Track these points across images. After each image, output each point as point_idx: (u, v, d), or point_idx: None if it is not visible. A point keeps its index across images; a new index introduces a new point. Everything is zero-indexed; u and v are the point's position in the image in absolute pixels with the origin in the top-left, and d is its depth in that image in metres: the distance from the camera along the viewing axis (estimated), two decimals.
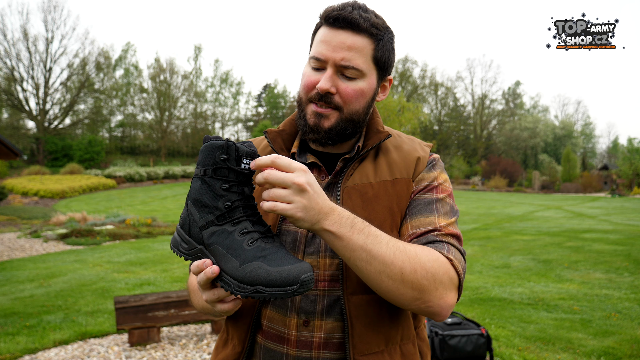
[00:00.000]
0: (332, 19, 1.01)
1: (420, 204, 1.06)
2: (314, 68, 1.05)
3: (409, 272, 0.89)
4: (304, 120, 1.07)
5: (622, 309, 5.32)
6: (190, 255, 0.90)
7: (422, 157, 1.12)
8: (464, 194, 32.40)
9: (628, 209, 20.55)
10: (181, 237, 0.91)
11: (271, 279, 0.81)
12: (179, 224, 0.93)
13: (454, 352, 3.46)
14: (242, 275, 0.83)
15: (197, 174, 0.89)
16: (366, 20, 1.01)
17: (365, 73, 1.03)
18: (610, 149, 70.30)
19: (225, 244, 0.85)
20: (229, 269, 0.84)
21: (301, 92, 1.08)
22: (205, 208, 0.87)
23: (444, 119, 60.21)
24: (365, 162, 1.10)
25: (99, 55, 48.84)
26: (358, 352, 0.99)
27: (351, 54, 1.00)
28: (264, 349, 1.04)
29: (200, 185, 0.87)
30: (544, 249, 9.42)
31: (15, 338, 4.46)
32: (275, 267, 0.82)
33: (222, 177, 0.86)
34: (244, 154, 0.86)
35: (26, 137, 44.34)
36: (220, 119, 57.62)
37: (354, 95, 1.03)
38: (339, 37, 1.01)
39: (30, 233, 12.72)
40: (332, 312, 1.01)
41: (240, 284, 0.83)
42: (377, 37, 1.03)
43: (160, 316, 4.34)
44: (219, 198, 0.86)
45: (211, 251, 0.87)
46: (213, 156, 0.86)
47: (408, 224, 1.04)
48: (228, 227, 0.86)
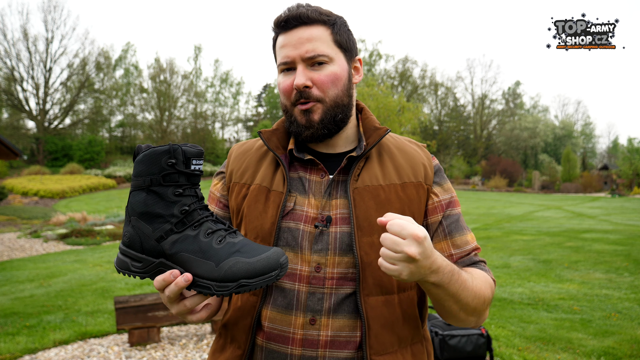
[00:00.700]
0: (284, 22, 1.06)
1: (453, 222, 1.13)
2: (285, 71, 1.08)
3: (480, 307, 1.03)
4: (295, 123, 1.08)
5: (622, 309, 5.32)
6: (146, 273, 0.85)
7: (426, 163, 1.15)
8: (464, 194, 32.39)
9: (628, 209, 20.55)
10: (131, 257, 0.86)
11: (253, 270, 0.81)
12: (122, 244, 0.88)
13: (454, 352, 3.46)
14: (222, 275, 0.81)
15: (139, 186, 0.84)
16: (314, 11, 1.05)
17: (332, 57, 1.06)
18: (610, 149, 70.30)
19: (192, 249, 0.83)
20: (203, 272, 0.82)
21: (283, 100, 1.10)
22: (158, 218, 0.83)
23: (444, 119, 60.19)
24: (370, 162, 1.11)
25: (99, 55, 48.82)
26: (374, 352, 1.00)
27: (313, 45, 1.04)
28: (266, 350, 1.04)
29: (147, 197, 0.83)
30: (544, 249, 9.42)
31: (15, 338, 4.46)
32: (254, 258, 0.82)
33: (173, 182, 0.83)
34: (192, 155, 0.83)
35: (26, 137, 44.31)
36: (220, 119, 57.61)
37: (329, 81, 1.05)
38: (296, 35, 1.05)
39: (30, 233, 12.72)
40: (340, 310, 1.01)
41: (221, 283, 0.81)
42: (329, 22, 1.07)
43: (160, 316, 4.34)
44: (173, 205, 0.83)
45: (176, 260, 0.83)
46: (158, 163, 0.82)
47: (449, 242, 1.11)
48: (190, 232, 0.84)
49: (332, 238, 1.03)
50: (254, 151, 1.18)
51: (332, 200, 1.07)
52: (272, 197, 1.08)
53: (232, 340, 1.08)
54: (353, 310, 1.02)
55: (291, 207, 1.06)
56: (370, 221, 1.04)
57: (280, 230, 1.05)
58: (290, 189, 1.09)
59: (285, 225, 1.05)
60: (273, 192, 1.08)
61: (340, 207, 1.06)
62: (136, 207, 0.84)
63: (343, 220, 1.04)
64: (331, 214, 1.05)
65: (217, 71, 58.15)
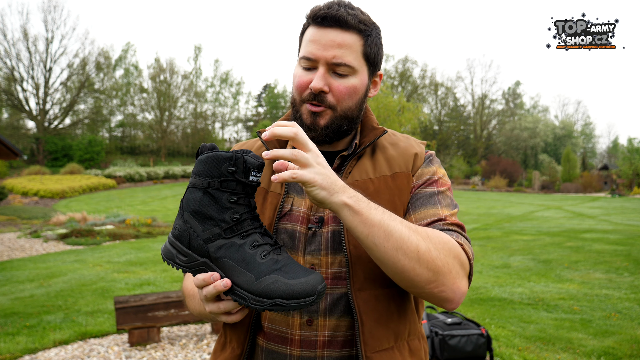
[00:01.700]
0: (320, 18, 1.01)
1: (422, 197, 1.07)
2: (305, 68, 1.05)
3: (424, 251, 0.88)
4: (300, 120, 1.07)
5: (622, 309, 5.32)
6: (189, 268, 0.87)
7: (419, 153, 1.14)
8: (464, 194, 32.39)
9: (628, 209, 20.54)
10: (177, 249, 0.88)
11: (290, 292, 0.81)
12: (172, 235, 0.89)
13: (454, 352, 3.46)
14: (259, 290, 0.82)
15: (197, 185, 0.85)
16: (354, 17, 1.02)
17: (357, 69, 1.04)
18: (610, 149, 70.31)
19: (236, 258, 0.84)
20: (243, 283, 0.83)
21: (294, 94, 1.08)
22: (210, 220, 0.84)
23: (444, 119, 60.19)
24: (362, 160, 1.11)
25: (99, 55, 48.84)
26: (369, 349, 0.98)
27: (342, 51, 1.01)
28: (266, 351, 1.04)
29: (202, 197, 0.85)
30: (544, 249, 9.42)
31: (15, 338, 4.46)
32: (293, 280, 0.82)
33: (230, 189, 0.84)
34: (252, 166, 0.84)
35: (26, 137, 44.32)
36: (220, 119, 57.62)
37: (346, 93, 1.04)
38: (329, 36, 1.01)
39: (30, 233, 12.72)
40: (336, 310, 1.01)
41: (258, 298, 0.82)
42: (365, 33, 1.04)
43: (160, 316, 4.34)
44: (226, 210, 0.84)
45: (219, 264, 0.85)
46: (219, 168, 0.83)
47: (412, 217, 1.05)
48: (237, 240, 0.84)
49: (324, 238, 1.03)
50: (254, 151, 1.18)
51: None
52: (269, 199, 1.08)
53: (231, 340, 1.08)
54: (347, 308, 1.01)
55: (288, 209, 1.06)
56: None
57: (278, 231, 1.05)
58: (288, 190, 1.09)
59: (283, 226, 1.05)
60: (271, 194, 1.08)
61: None
62: (191, 204, 0.86)
63: (334, 220, 1.04)
64: (324, 214, 1.05)
65: (217, 71, 58.22)
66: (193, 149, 52.15)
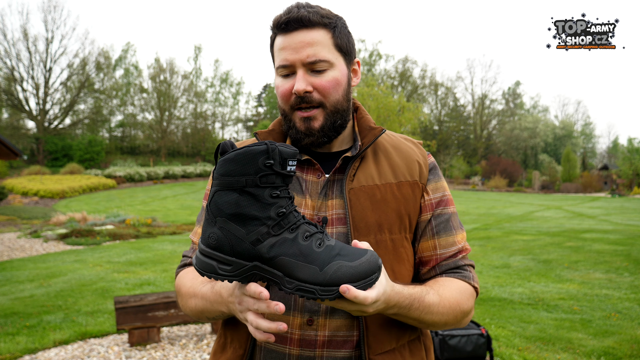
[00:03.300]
0: (284, 24, 1.03)
1: (442, 222, 1.13)
2: (284, 76, 1.06)
3: (452, 321, 1.06)
4: (294, 129, 1.08)
5: (622, 309, 5.32)
6: (237, 276, 0.82)
7: (421, 160, 1.15)
8: (464, 194, 32.39)
9: (628, 209, 20.54)
10: (218, 259, 0.82)
11: (356, 274, 0.81)
12: (206, 245, 0.84)
13: (454, 352, 3.46)
14: (327, 279, 0.80)
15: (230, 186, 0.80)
16: (315, 14, 1.03)
17: (333, 62, 1.05)
18: (610, 149, 70.28)
19: (292, 253, 0.81)
20: (307, 276, 0.80)
21: (282, 104, 1.09)
22: (254, 221, 0.80)
23: (444, 119, 60.17)
24: (366, 162, 1.11)
25: (99, 55, 48.83)
26: (372, 352, 1.01)
27: (314, 49, 1.02)
28: (265, 350, 1.04)
29: (240, 198, 0.80)
30: (544, 249, 9.42)
31: (15, 338, 4.46)
32: (356, 261, 0.81)
33: (270, 184, 0.80)
34: (288, 156, 0.81)
35: (26, 137, 44.31)
36: (220, 119, 57.60)
37: (330, 87, 1.04)
38: (297, 38, 1.03)
39: (30, 233, 12.72)
40: (337, 310, 1.01)
41: (325, 287, 0.80)
42: (330, 25, 1.05)
43: (160, 316, 4.34)
44: (270, 207, 0.80)
45: (275, 264, 0.81)
46: (255, 163, 0.79)
47: (435, 241, 1.11)
48: (287, 235, 0.81)
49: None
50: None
51: (327, 201, 1.07)
52: None
53: (232, 340, 1.08)
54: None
55: None
56: (367, 221, 1.04)
57: None
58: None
59: None
60: None
61: (336, 208, 1.06)
62: (225, 208, 0.81)
63: (339, 221, 1.05)
64: (327, 214, 1.06)
65: (217, 71, 58.18)
66: (193, 149, 52.14)
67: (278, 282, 0.82)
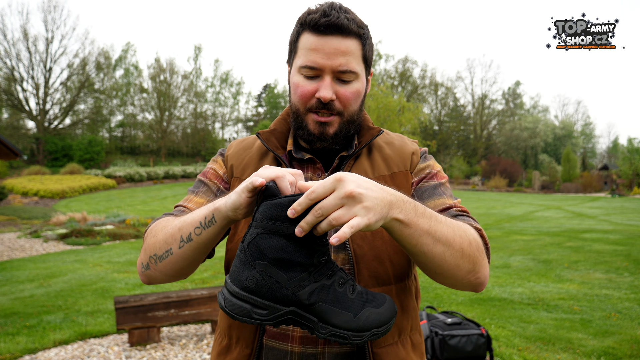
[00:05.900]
0: (323, 27, 0.99)
1: (427, 190, 1.09)
2: (307, 77, 1.03)
3: (467, 247, 0.90)
4: (306, 130, 1.07)
5: (622, 309, 5.32)
6: (271, 321, 0.81)
7: (415, 151, 1.16)
8: (464, 194, 32.39)
9: (628, 209, 20.54)
10: (254, 303, 0.80)
11: (383, 320, 0.85)
12: (241, 289, 0.81)
13: (454, 352, 3.46)
14: (359, 325, 0.83)
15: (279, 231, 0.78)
16: (353, 22, 1.01)
17: (359, 73, 1.04)
18: (610, 149, 70.32)
19: (329, 299, 0.82)
20: (341, 323, 0.82)
21: (297, 103, 1.06)
22: (297, 267, 0.80)
23: (444, 119, 60.19)
24: (360, 159, 1.12)
25: (99, 55, 48.87)
26: (375, 345, 1.01)
27: (346, 59, 1.01)
28: (267, 347, 1.04)
29: (287, 244, 0.78)
30: (544, 249, 9.42)
31: (15, 338, 4.46)
32: (381, 308, 0.86)
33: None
34: None
35: (26, 137, 44.33)
36: (220, 119, 57.64)
37: (352, 98, 1.05)
38: (331, 44, 1.00)
39: (30, 233, 12.72)
40: None
41: (357, 333, 0.83)
42: (363, 37, 1.04)
43: (160, 316, 4.34)
44: (314, 253, 0.80)
45: (313, 310, 0.82)
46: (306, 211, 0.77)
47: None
48: (325, 282, 0.82)
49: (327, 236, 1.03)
50: (255, 149, 1.18)
51: None
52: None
53: (238, 341, 1.08)
54: None
55: None
56: None
57: None
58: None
59: None
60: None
61: None
62: (269, 253, 0.79)
63: None
64: None
65: (217, 71, 58.20)
66: (193, 149, 52.15)
67: (311, 327, 0.83)
